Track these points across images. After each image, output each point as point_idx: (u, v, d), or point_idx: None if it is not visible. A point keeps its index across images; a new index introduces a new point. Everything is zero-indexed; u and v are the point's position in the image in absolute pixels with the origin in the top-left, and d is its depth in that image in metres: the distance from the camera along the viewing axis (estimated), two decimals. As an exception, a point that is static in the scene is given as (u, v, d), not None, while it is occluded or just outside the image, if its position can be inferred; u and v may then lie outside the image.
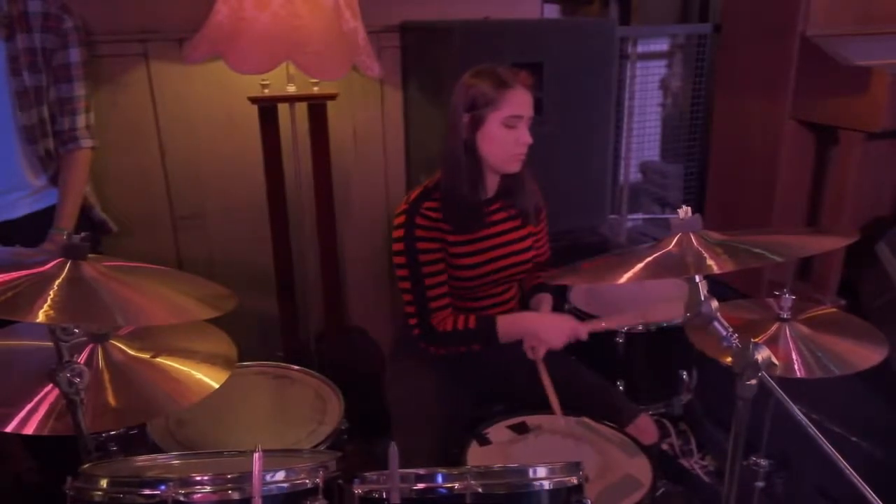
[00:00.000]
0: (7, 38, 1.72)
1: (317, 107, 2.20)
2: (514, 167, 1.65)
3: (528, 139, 1.61)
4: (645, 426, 1.66)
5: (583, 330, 1.63)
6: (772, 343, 1.53)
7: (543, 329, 1.63)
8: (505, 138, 1.60)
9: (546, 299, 1.80)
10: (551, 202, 1.87)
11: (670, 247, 1.25)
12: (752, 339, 1.13)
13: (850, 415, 1.99)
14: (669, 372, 2.07)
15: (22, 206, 1.88)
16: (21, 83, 1.76)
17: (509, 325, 1.66)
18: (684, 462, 2.31)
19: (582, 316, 2.01)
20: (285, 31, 1.90)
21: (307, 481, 1.09)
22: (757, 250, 1.21)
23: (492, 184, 1.72)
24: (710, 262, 1.17)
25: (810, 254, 1.48)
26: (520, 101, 1.58)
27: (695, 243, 1.24)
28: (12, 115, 1.78)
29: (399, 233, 1.63)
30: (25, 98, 1.77)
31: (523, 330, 1.65)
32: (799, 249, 1.33)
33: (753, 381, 1.13)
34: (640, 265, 1.22)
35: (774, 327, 1.58)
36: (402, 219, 1.63)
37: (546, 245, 1.88)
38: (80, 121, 1.88)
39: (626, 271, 1.22)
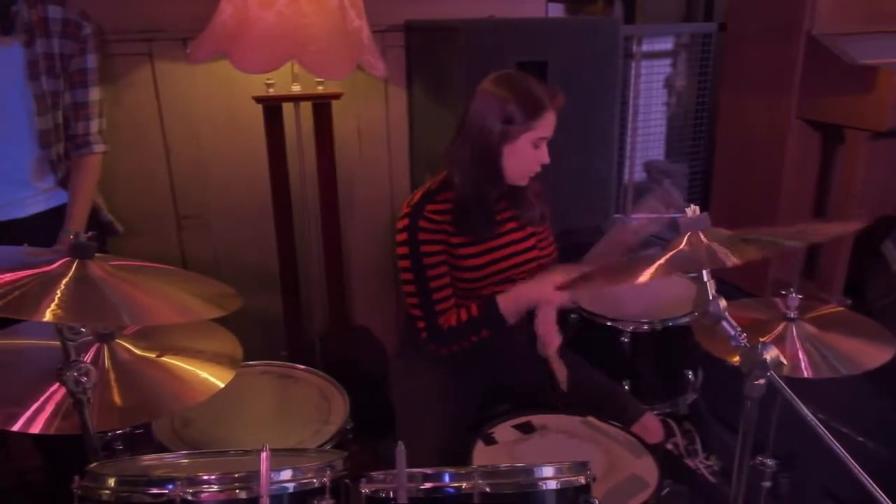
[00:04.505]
0: (26, 43, 1.73)
1: (321, 106, 2.20)
2: (525, 182, 1.67)
3: (547, 159, 1.62)
4: (650, 425, 1.66)
5: (562, 276, 1.59)
6: (779, 342, 1.53)
7: (535, 290, 1.61)
8: (529, 156, 1.60)
9: None
10: (555, 202, 1.86)
11: (681, 246, 1.25)
12: (761, 339, 1.12)
13: (855, 414, 1.99)
14: (675, 371, 2.06)
15: (31, 205, 1.89)
16: (39, 88, 1.77)
17: (509, 299, 1.63)
18: (689, 462, 2.31)
19: (585, 316, 2.01)
20: (290, 31, 1.90)
21: (314, 480, 1.09)
22: (771, 239, 1.20)
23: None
24: (724, 252, 1.17)
25: (823, 238, 1.46)
26: (550, 123, 1.60)
27: (704, 240, 1.23)
28: (29, 119, 1.79)
29: (403, 236, 1.63)
30: (42, 103, 1.78)
31: (522, 299, 1.63)
32: (812, 235, 1.32)
33: (762, 381, 1.13)
34: (653, 266, 1.21)
35: (781, 326, 1.58)
36: (405, 222, 1.63)
37: (552, 246, 1.87)
38: (94, 126, 1.89)
39: (639, 272, 1.21)
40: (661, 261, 1.20)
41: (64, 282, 1.08)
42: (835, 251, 2.41)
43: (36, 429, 1.21)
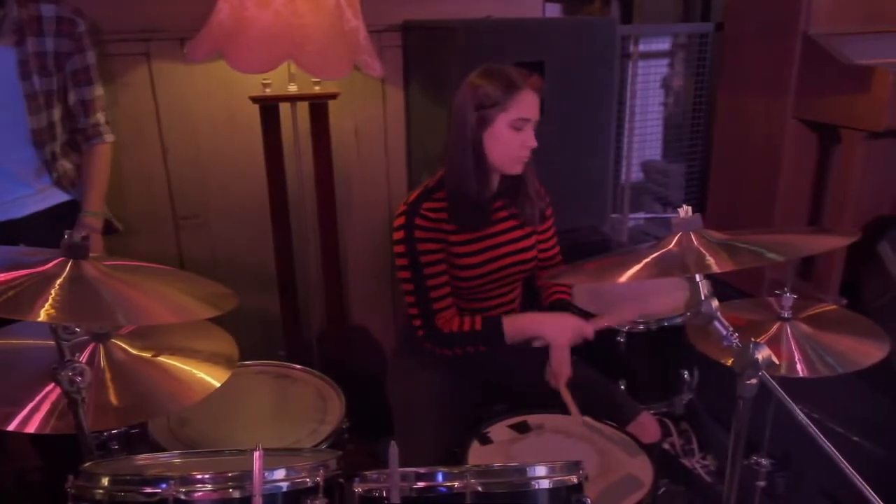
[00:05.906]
0: (16, 43, 1.74)
1: (318, 106, 2.20)
2: (517, 169, 1.65)
3: (533, 143, 1.61)
4: (646, 424, 1.66)
5: (588, 328, 1.63)
6: (773, 343, 1.53)
7: (549, 329, 1.63)
8: (511, 140, 1.59)
9: None
10: (553, 201, 1.87)
11: (671, 246, 1.25)
12: (753, 339, 1.13)
13: (850, 414, 1.99)
14: (671, 371, 2.07)
15: (28, 206, 1.89)
16: (31, 87, 1.77)
17: (515, 326, 1.65)
18: (685, 461, 2.31)
19: (585, 315, 2.01)
20: (287, 30, 1.90)
21: (307, 480, 1.09)
22: (757, 249, 1.21)
23: (494, 181, 1.72)
24: (710, 261, 1.17)
25: (812, 253, 1.47)
26: (528, 104, 1.58)
27: (695, 242, 1.24)
28: (22, 118, 1.79)
29: (399, 234, 1.62)
30: (34, 101, 1.79)
31: (529, 331, 1.65)
32: (800, 249, 1.33)
33: (754, 381, 1.13)
34: (640, 265, 1.22)
35: (776, 327, 1.58)
36: (401, 220, 1.62)
37: (555, 246, 1.87)
38: (102, 117, 1.94)
39: (627, 270, 1.22)
40: (648, 261, 1.21)
41: (58, 282, 1.09)
42: (830, 252, 2.41)
43: (31, 428, 1.21)
